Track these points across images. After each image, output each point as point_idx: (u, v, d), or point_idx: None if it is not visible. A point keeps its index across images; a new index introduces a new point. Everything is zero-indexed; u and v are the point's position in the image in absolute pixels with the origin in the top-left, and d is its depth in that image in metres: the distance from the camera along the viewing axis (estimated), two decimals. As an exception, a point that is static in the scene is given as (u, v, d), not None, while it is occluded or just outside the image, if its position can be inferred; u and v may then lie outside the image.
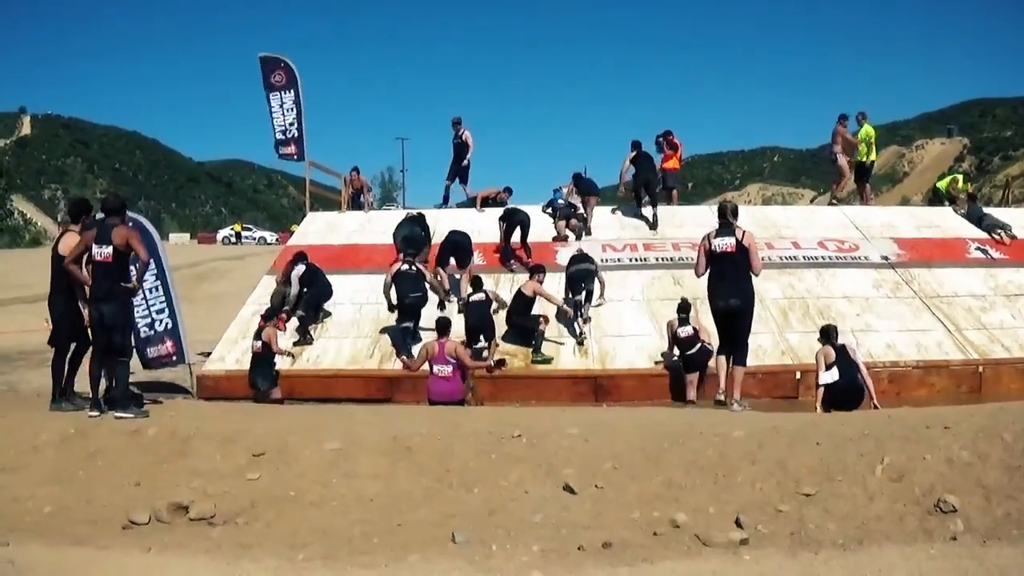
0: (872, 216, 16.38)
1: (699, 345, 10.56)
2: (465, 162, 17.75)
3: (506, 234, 14.35)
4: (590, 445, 6.31)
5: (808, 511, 5.23)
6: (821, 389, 9.40)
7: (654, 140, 17.63)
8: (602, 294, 12.87)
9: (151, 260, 10.35)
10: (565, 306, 12.27)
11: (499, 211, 15.17)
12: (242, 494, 6.00)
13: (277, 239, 60.18)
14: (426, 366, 9.98)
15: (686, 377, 10.60)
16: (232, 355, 12.16)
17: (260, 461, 6.42)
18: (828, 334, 9.76)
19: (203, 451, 6.63)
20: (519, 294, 12.02)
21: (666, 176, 17.80)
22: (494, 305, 12.14)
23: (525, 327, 11.77)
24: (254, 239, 63.55)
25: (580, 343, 12.01)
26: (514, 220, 14.30)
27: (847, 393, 9.21)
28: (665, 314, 12.54)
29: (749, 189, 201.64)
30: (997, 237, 14.93)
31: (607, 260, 14.49)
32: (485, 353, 11.33)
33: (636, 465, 5.99)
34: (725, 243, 8.98)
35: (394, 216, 16.19)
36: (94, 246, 8.04)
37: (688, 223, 15.98)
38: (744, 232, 9.11)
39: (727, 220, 9.14)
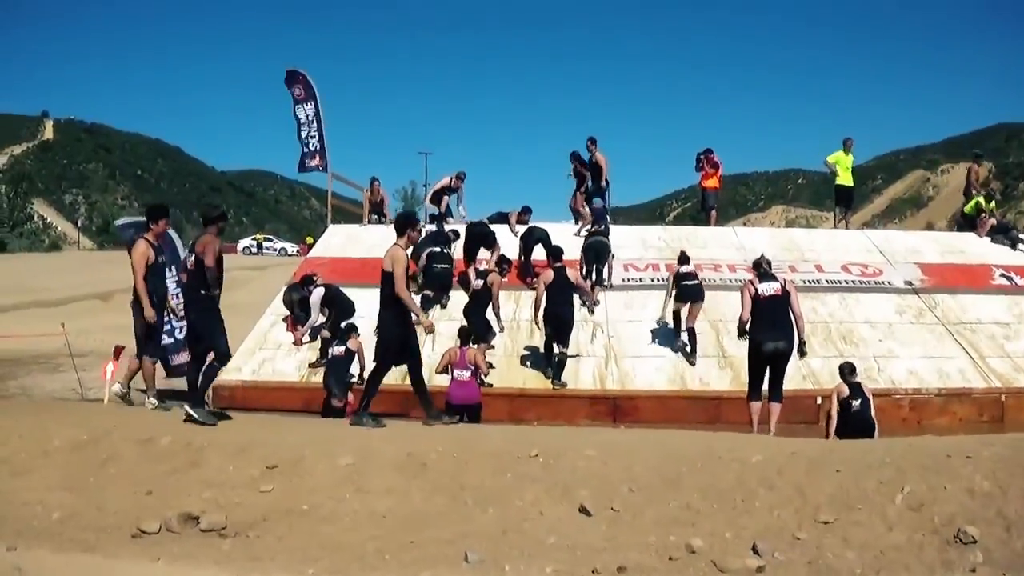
0: (896, 241, 16.30)
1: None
2: (603, 182, 16.87)
3: (525, 252, 14.41)
4: (607, 467, 6.27)
5: (826, 539, 5.16)
6: (833, 423, 9.42)
7: (695, 158, 17.69)
8: (609, 278, 13.63)
9: (173, 267, 10.55)
10: (583, 282, 12.23)
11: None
12: (254, 506, 6.00)
13: (298, 251, 60.34)
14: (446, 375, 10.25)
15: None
16: (249, 366, 12.21)
17: (273, 473, 6.41)
18: (846, 370, 9.70)
19: (216, 462, 6.63)
20: (484, 284, 12.24)
21: (706, 195, 17.95)
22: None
23: (479, 325, 11.74)
24: (275, 250, 63.79)
25: (591, 310, 12.83)
26: (532, 238, 14.36)
27: (860, 432, 9.11)
28: (685, 336, 12.49)
29: (773, 211, 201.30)
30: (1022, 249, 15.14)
31: (628, 280, 14.48)
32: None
33: (653, 488, 5.93)
34: (772, 288, 9.33)
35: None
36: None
37: (711, 244, 15.95)
38: (785, 278, 9.64)
39: (764, 271, 9.58)
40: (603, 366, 12.07)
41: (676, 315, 12.45)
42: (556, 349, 11.54)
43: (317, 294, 12.56)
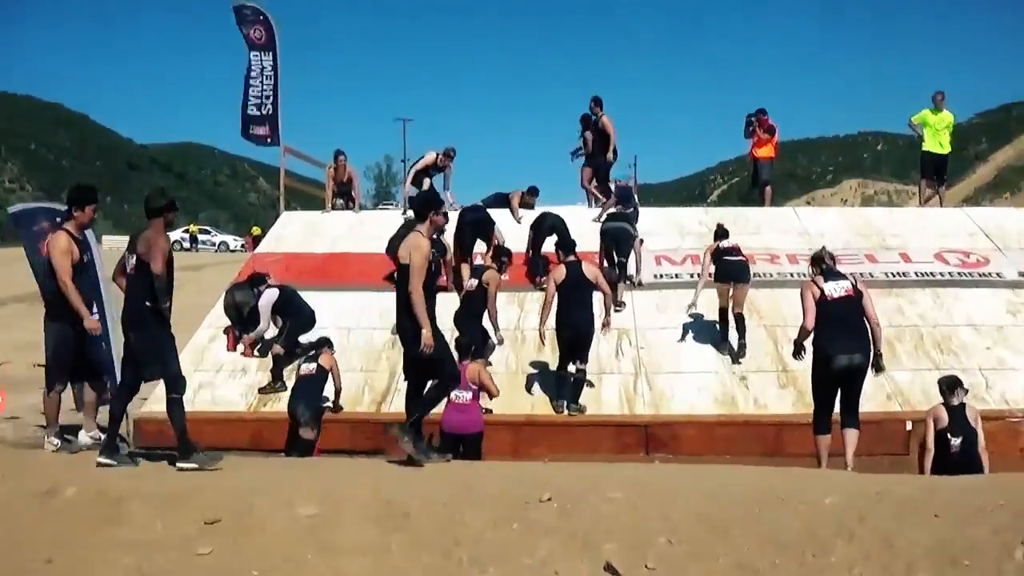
0: (1007, 221, 16.23)
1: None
2: (611, 153, 17.65)
3: (534, 243, 14.44)
4: (639, 513, 6.25)
5: (924, 605, 5.15)
6: (929, 456, 9.42)
7: (744, 121, 17.82)
8: (638, 272, 13.95)
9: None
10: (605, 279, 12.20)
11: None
12: (189, 574, 5.97)
13: (243, 245, 60.31)
14: None
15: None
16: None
17: (214, 530, 6.37)
18: (944, 388, 9.65)
19: (139, 517, 6.57)
20: (478, 285, 12.32)
21: (758, 167, 18.03)
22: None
23: (473, 335, 11.73)
24: (213, 245, 63.78)
25: (619, 307, 12.99)
26: (543, 226, 14.38)
27: (963, 472, 9.02)
28: (734, 343, 12.48)
29: (844, 186, 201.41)
30: None
31: (662, 276, 14.51)
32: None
33: (698, 540, 5.92)
34: (841, 287, 9.26)
35: (393, 218, 16.28)
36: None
37: (766, 228, 15.97)
38: (855, 275, 9.65)
39: (828, 267, 9.49)
40: (631, 385, 12.08)
41: (723, 312, 12.53)
42: (572, 366, 11.54)
43: (267, 298, 12.56)
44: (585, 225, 14.95)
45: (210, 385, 12.48)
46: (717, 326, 12.74)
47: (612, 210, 14.60)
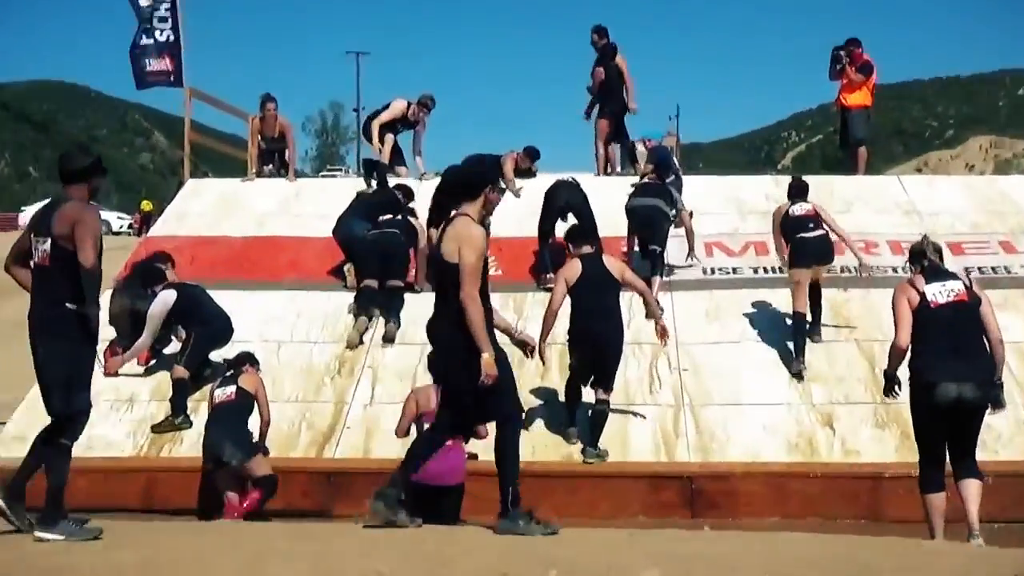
0: None
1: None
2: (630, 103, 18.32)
3: (543, 224, 14.51)
4: (681, 601, 6.27)
5: None
6: None
7: (830, 57, 17.79)
8: (690, 252, 14.30)
9: None
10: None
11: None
12: None
13: (131, 225, 60.16)
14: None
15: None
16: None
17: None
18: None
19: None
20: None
21: (849, 120, 17.96)
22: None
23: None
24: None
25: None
26: (556, 200, 14.38)
27: None
28: (812, 366, 12.49)
29: (969, 145, 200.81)
30: None
31: (714, 270, 14.54)
32: None
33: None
34: (949, 290, 9.05)
35: (343, 189, 16.27)
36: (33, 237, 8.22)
37: (859, 205, 16.01)
38: (970, 276, 9.43)
39: (932, 263, 9.31)
40: (671, 422, 12.11)
41: (798, 314, 12.66)
42: (593, 395, 11.55)
43: (162, 301, 12.54)
44: (608, 201, 14.94)
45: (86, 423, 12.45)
46: (789, 342, 12.75)
47: (645, 180, 14.65)
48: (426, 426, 9.99)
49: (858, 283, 13.65)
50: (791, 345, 12.73)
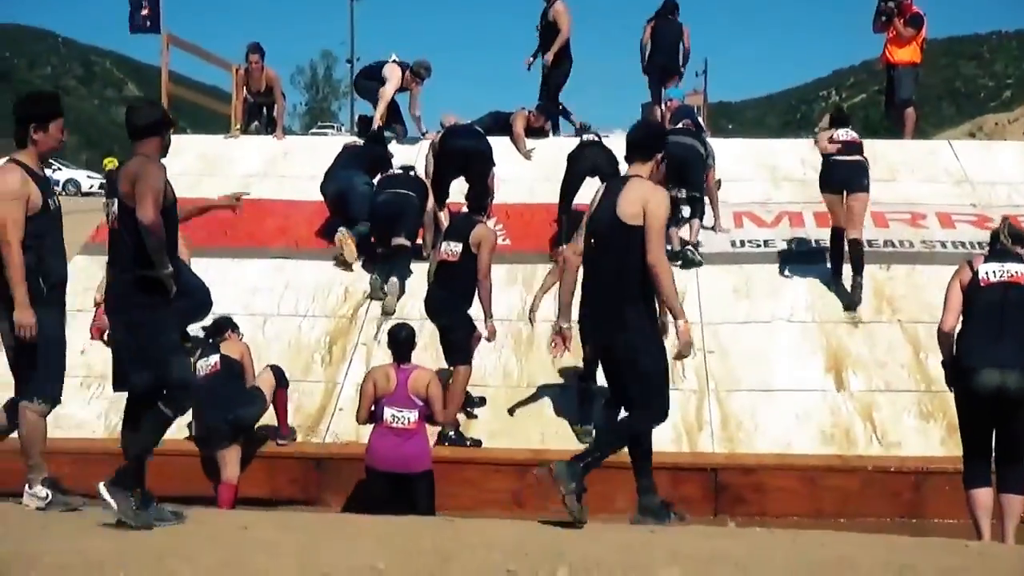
0: None
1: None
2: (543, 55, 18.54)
3: (566, 188, 14.57)
4: (704, 603, 6.31)
5: None
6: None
7: (876, 8, 17.73)
8: (715, 222, 14.57)
9: None
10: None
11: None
12: None
13: (101, 185, 60.17)
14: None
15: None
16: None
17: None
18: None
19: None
20: (465, 249, 12.04)
21: (896, 78, 17.88)
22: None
23: (453, 328, 11.89)
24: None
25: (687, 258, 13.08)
26: (581, 163, 14.43)
27: None
28: (851, 349, 12.51)
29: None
30: None
31: (744, 242, 14.55)
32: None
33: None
34: (1007, 270, 8.98)
35: (335, 148, 16.29)
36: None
37: (905, 173, 16.02)
38: None
39: (1002, 246, 9.21)
40: (694, 409, 12.17)
41: (835, 233, 13.03)
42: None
43: None
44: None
45: (51, 398, 12.52)
46: (824, 331, 12.75)
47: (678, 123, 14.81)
48: (386, 409, 10.12)
49: (902, 259, 13.68)
50: (831, 308, 12.76)
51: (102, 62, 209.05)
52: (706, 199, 14.44)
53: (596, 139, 15.01)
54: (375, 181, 14.51)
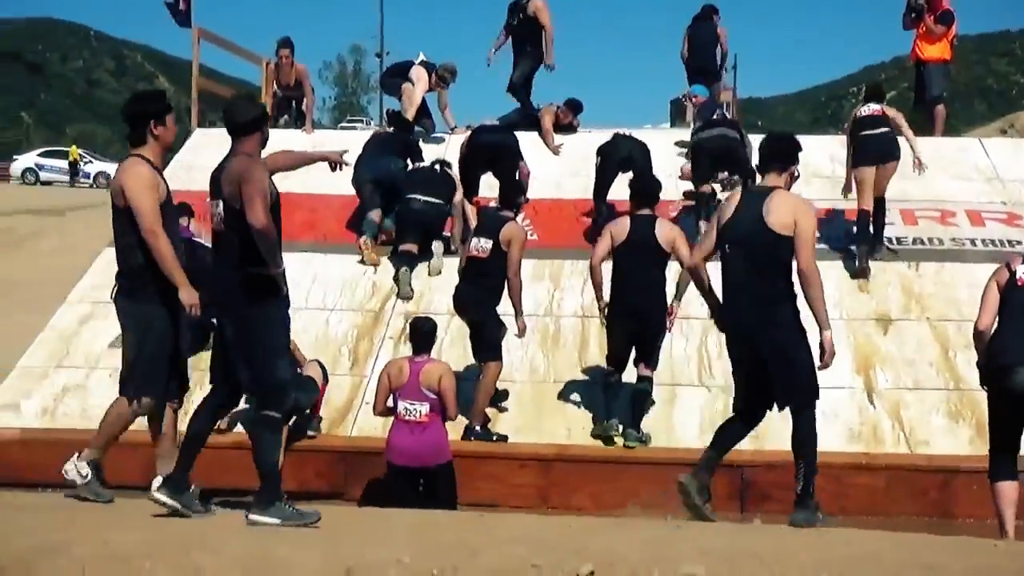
0: None
1: None
2: (546, 60, 18.46)
3: (600, 183, 14.64)
4: (728, 600, 6.29)
5: None
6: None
7: (906, 4, 17.69)
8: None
9: None
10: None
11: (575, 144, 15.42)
12: None
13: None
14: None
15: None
16: (36, 400, 12.46)
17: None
18: None
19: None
20: (495, 246, 11.96)
21: (926, 75, 17.81)
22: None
23: (484, 324, 11.88)
24: (87, 176, 63.64)
25: None
26: (613, 156, 14.44)
27: None
28: (879, 347, 12.46)
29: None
30: None
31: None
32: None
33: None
34: None
35: (360, 140, 16.30)
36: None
37: (933, 170, 15.86)
38: None
39: None
40: (721, 405, 11.97)
41: (862, 215, 13.35)
42: (634, 371, 11.58)
43: None
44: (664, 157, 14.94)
45: (80, 389, 12.62)
46: (851, 328, 12.71)
47: (712, 116, 14.99)
48: (399, 402, 10.18)
49: (931, 257, 13.63)
50: (853, 309, 12.77)
51: (133, 56, 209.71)
52: None
53: (629, 135, 15.07)
54: (425, 167, 14.67)
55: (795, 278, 8.70)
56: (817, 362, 8.76)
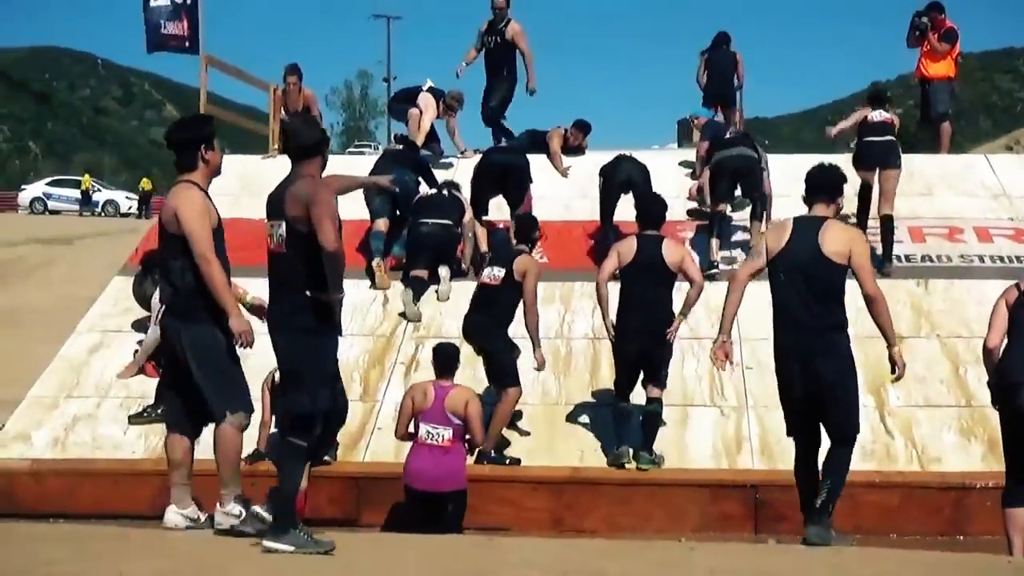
0: None
1: None
2: (529, 84, 18.56)
3: (604, 204, 14.66)
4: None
5: None
6: None
7: (909, 23, 17.73)
8: (767, 211, 14.46)
9: None
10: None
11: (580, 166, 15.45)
12: None
13: (146, 207, 60.21)
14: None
15: None
16: (46, 431, 12.43)
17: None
18: None
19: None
20: (507, 276, 11.89)
21: (931, 92, 17.82)
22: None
23: (493, 352, 11.86)
24: (96, 205, 63.86)
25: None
26: (615, 178, 14.49)
27: None
28: (890, 364, 12.43)
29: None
30: None
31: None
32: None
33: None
34: None
35: (369, 166, 16.32)
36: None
37: (940, 187, 15.99)
38: None
39: None
40: (733, 425, 12.14)
41: (864, 192, 13.98)
42: (644, 392, 11.54)
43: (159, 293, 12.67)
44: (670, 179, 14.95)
45: (91, 418, 12.60)
46: (861, 346, 12.72)
47: (728, 134, 15.20)
48: (422, 426, 10.17)
49: (940, 274, 13.64)
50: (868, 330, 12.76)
51: (140, 83, 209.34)
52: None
53: (630, 156, 15.08)
54: (431, 193, 14.72)
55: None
56: (891, 375, 9.16)
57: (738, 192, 14.72)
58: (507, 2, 18.11)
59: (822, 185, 9.31)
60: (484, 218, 14.91)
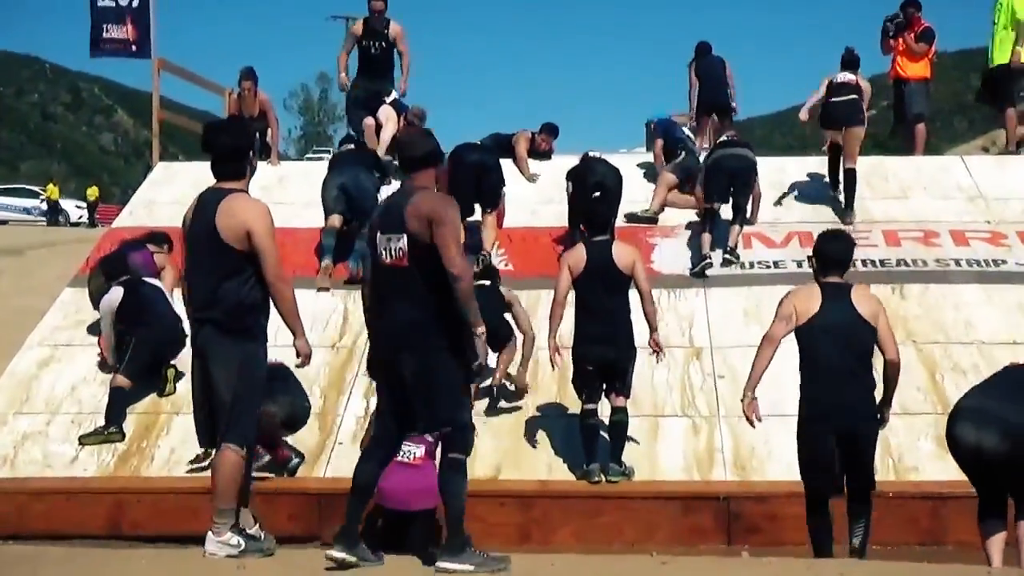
0: None
1: None
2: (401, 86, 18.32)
3: (575, 208, 14.66)
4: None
5: None
6: None
7: (881, 30, 17.81)
8: (754, 214, 15.04)
9: None
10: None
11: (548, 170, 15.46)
12: None
13: (91, 216, 60.04)
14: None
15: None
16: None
17: None
18: None
19: None
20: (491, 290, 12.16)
21: (907, 93, 17.87)
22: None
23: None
24: (42, 213, 63.61)
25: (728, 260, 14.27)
26: (587, 179, 14.50)
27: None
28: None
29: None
30: None
31: (756, 263, 14.55)
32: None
33: None
34: None
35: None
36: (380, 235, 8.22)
37: (915, 190, 16.07)
38: None
39: None
40: (705, 436, 12.17)
41: (832, 152, 14.90)
42: (608, 402, 11.57)
43: (108, 299, 12.87)
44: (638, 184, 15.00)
45: (40, 436, 12.57)
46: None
47: (723, 136, 15.52)
48: (406, 444, 9.94)
49: (915, 279, 13.70)
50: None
51: (90, 88, 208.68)
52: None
53: (602, 158, 15.15)
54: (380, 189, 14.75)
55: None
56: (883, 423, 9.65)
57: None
58: (385, 3, 17.99)
59: (837, 263, 9.66)
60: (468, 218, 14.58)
